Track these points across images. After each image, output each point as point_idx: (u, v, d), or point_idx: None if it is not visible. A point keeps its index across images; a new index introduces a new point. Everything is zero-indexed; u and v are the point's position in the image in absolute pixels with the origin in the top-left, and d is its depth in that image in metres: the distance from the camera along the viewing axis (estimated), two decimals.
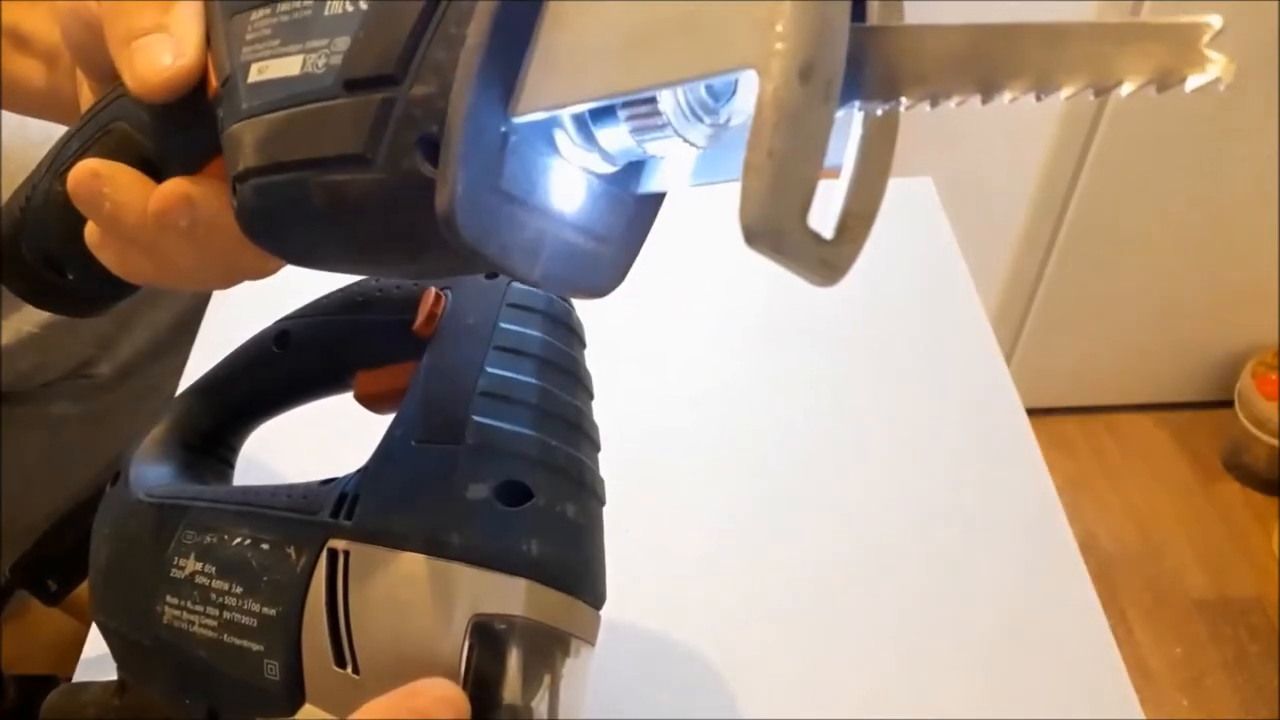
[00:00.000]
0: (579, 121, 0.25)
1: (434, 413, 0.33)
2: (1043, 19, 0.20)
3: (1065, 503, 0.58)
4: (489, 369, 0.34)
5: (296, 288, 0.41)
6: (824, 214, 0.22)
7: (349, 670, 0.31)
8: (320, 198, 0.25)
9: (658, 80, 0.21)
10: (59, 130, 0.34)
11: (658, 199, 0.28)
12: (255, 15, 0.27)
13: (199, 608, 0.34)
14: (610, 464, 0.36)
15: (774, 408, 0.63)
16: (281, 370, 0.42)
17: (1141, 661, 1.35)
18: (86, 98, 0.36)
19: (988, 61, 0.21)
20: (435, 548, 0.30)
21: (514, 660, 0.30)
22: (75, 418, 0.80)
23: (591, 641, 0.34)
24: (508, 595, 0.30)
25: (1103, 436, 1.62)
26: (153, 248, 0.30)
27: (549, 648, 0.31)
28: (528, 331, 0.35)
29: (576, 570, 0.33)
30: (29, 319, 0.75)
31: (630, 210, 0.28)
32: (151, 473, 0.41)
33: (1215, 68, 0.19)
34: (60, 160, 0.33)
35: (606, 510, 0.36)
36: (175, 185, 0.29)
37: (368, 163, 0.24)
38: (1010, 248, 1.43)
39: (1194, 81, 0.19)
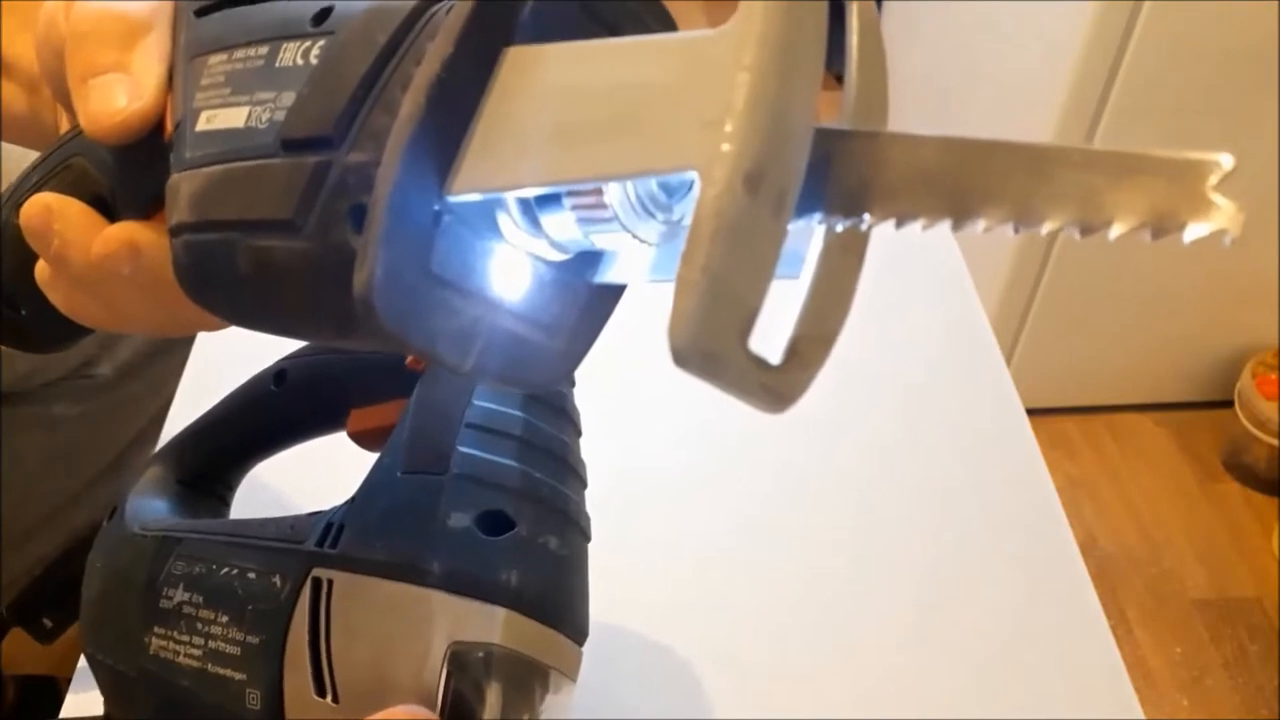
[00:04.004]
0: (524, 206, 0.23)
1: (421, 444, 0.33)
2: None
3: (1065, 503, 0.58)
4: (476, 402, 0.34)
5: None
6: (772, 333, 0.20)
7: (329, 699, 0.31)
8: (246, 262, 0.23)
9: (595, 173, 0.20)
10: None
11: (616, 291, 0.26)
12: (213, 59, 0.26)
13: (185, 637, 0.34)
14: (611, 463, 0.36)
15: None
16: (279, 409, 0.42)
17: (1141, 661, 1.35)
18: (65, 126, 0.35)
19: (962, 183, 0.19)
20: (416, 575, 0.30)
21: (492, 691, 0.30)
22: (75, 418, 0.80)
23: (572, 677, 0.34)
24: (486, 624, 0.30)
25: (1103, 436, 1.62)
26: (98, 290, 0.29)
27: (528, 680, 0.31)
28: None
29: (557, 602, 0.33)
30: None
31: (583, 300, 0.25)
32: (148, 508, 0.41)
33: (1222, 216, 0.17)
34: (20, 192, 0.32)
35: (609, 518, 0.35)
36: (121, 230, 0.28)
37: (296, 230, 0.22)
38: (1010, 248, 1.43)
39: (1194, 231, 0.17)
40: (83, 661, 0.50)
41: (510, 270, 0.23)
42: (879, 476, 0.60)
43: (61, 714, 0.49)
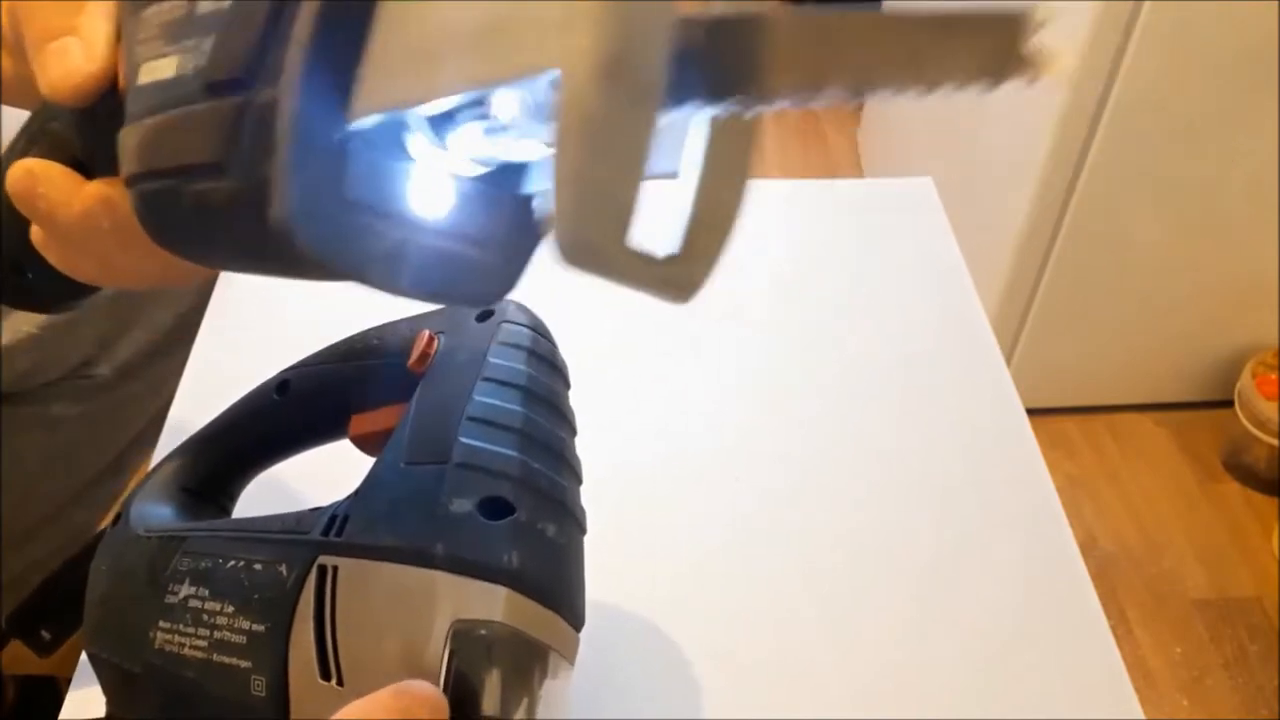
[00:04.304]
0: (431, 124, 0.23)
1: (423, 438, 0.34)
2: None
3: (1065, 503, 0.58)
4: (477, 397, 0.35)
5: (297, 291, 0.41)
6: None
7: (333, 682, 0.31)
8: (190, 205, 0.24)
9: (471, 83, 0.20)
10: None
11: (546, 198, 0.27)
12: (147, 12, 0.26)
13: (190, 629, 0.34)
14: (610, 462, 0.37)
15: (774, 407, 0.63)
16: (282, 417, 0.43)
17: (1141, 661, 1.36)
18: None
19: (817, 58, 0.19)
20: (419, 559, 0.31)
21: (493, 668, 0.30)
22: (75, 418, 0.80)
23: (570, 661, 0.35)
24: (487, 602, 0.31)
25: (1103, 436, 1.62)
26: (88, 247, 0.30)
27: (527, 658, 0.32)
28: (515, 365, 0.37)
29: (556, 586, 0.33)
30: (28, 319, 0.75)
31: (513, 212, 0.26)
32: (152, 513, 0.42)
33: (1046, 62, 0.17)
34: (8, 160, 0.33)
35: (607, 514, 0.36)
36: (96, 187, 0.29)
37: (225, 171, 0.23)
38: (1010, 248, 1.43)
39: (1018, 82, 0.18)
40: (83, 662, 0.50)
41: (430, 189, 0.24)
42: (879, 476, 0.60)
43: (61, 714, 0.49)
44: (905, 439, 0.62)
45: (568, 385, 0.39)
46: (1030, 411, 0.63)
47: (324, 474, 0.40)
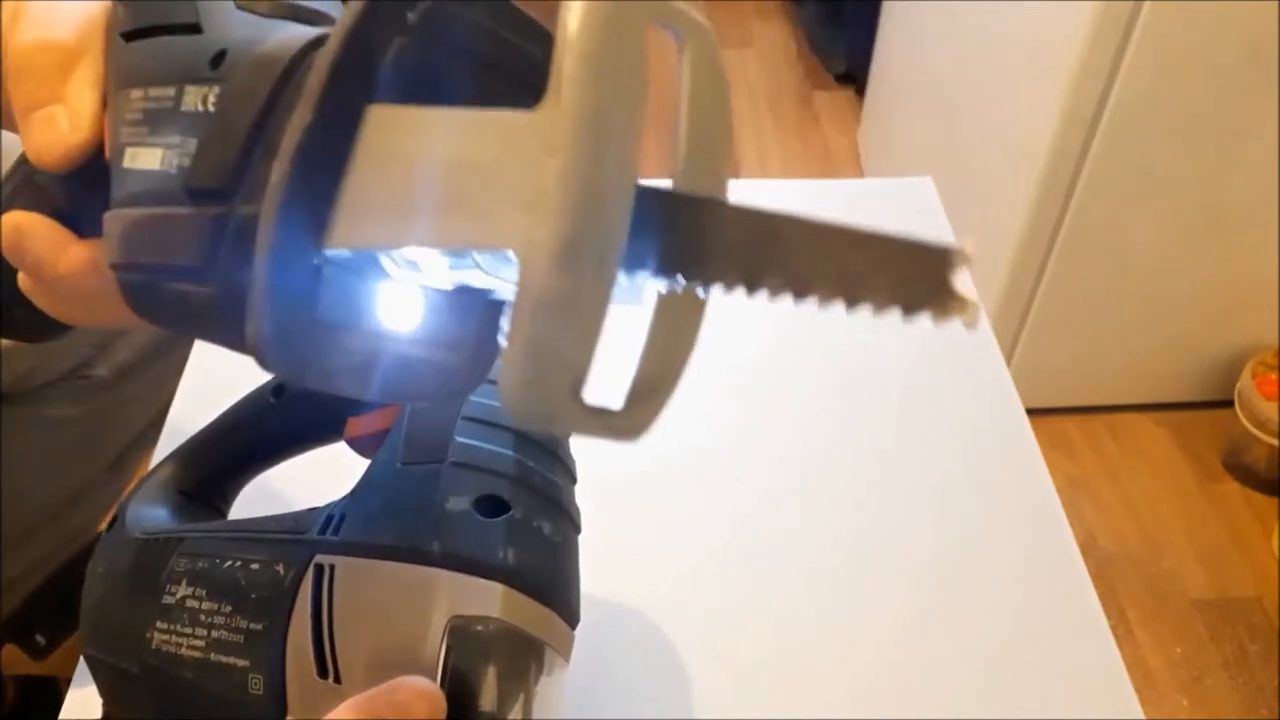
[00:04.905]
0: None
1: (419, 438, 0.35)
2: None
3: (1065, 503, 0.58)
4: (473, 398, 0.35)
5: None
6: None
7: (331, 680, 0.31)
8: (169, 301, 0.25)
9: (436, 243, 0.20)
10: None
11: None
12: (133, 94, 0.27)
13: (188, 630, 0.34)
14: (608, 461, 0.37)
15: (773, 407, 0.63)
16: (278, 420, 0.43)
17: (1141, 661, 1.35)
18: None
19: (758, 256, 0.20)
20: (416, 556, 0.31)
21: (490, 664, 0.31)
22: (73, 419, 0.80)
23: (566, 657, 0.35)
24: (484, 598, 0.31)
25: (1103, 436, 1.62)
26: (75, 297, 0.30)
27: (524, 654, 0.32)
28: None
29: (552, 583, 0.34)
30: None
31: (482, 315, 0.26)
32: (148, 516, 0.42)
33: (959, 308, 0.18)
34: None
35: (606, 514, 0.36)
36: (83, 250, 0.29)
37: (204, 276, 0.23)
38: (1010, 248, 1.43)
39: (932, 318, 0.18)
40: (83, 662, 0.50)
41: (400, 303, 0.24)
42: (879, 476, 0.60)
43: (61, 714, 0.49)
44: (905, 439, 0.62)
45: None
46: (1030, 411, 0.62)
47: (318, 476, 0.40)
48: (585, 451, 0.38)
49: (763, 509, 0.58)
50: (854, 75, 2.22)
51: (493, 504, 0.33)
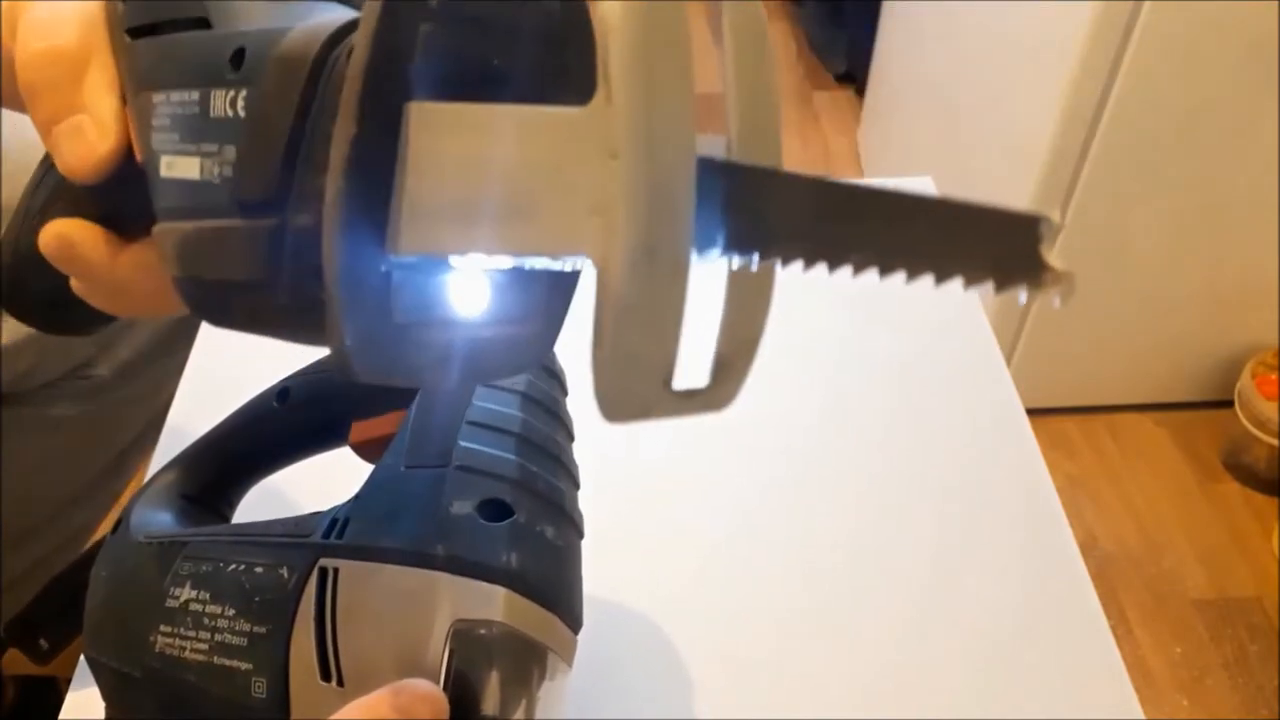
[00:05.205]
0: None
1: (423, 442, 0.35)
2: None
3: (1065, 503, 0.58)
4: (476, 403, 0.35)
5: None
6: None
7: (334, 683, 0.31)
8: (240, 312, 0.25)
9: (506, 250, 0.20)
10: None
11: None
12: (155, 98, 0.26)
13: (191, 633, 0.34)
14: (608, 463, 0.37)
15: (773, 408, 0.63)
16: (282, 425, 0.44)
17: (1141, 661, 1.35)
18: None
19: (837, 229, 0.19)
20: (420, 560, 0.31)
21: (493, 668, 0.31)
22: (74, 419, 0.80)
23: (568, 662, 0.35)
24: (487, 602, 0.31)
25: (1103, 436, 1.62)
26: (133, 293, 0.30)
27: (526, 658, 0.32)
28: None
29: (554, 587, 0.34)
30: None
31: (546, 281, 0.26)
32: (152, 520, 0.42)
33: (1051, 278, 0.17)
34: (32, 209, 0.33)
35: (605, 516, 0.36)
36: (135, 255, 0.29)
37: (272, 289, 0.23)
38: None
39: (1027, 293, 0.18)
40: (83, 663, 0.50)
41: (468, 291, 0.24)
42: (879, 476, 0.60)
43: (61, 715, 0.49)
44: (906, 439, 0.62)
45: (565, 391, 0.39)
46: (1030, 411, 0.62)
47: (321, 480, 0.40)
48: (584, 456, 0.38)
49: (763, 510, 0.58)
50: (854, 75, 2.22)
51: (496, 508, 0.33)
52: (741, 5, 0.21)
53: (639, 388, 0.19)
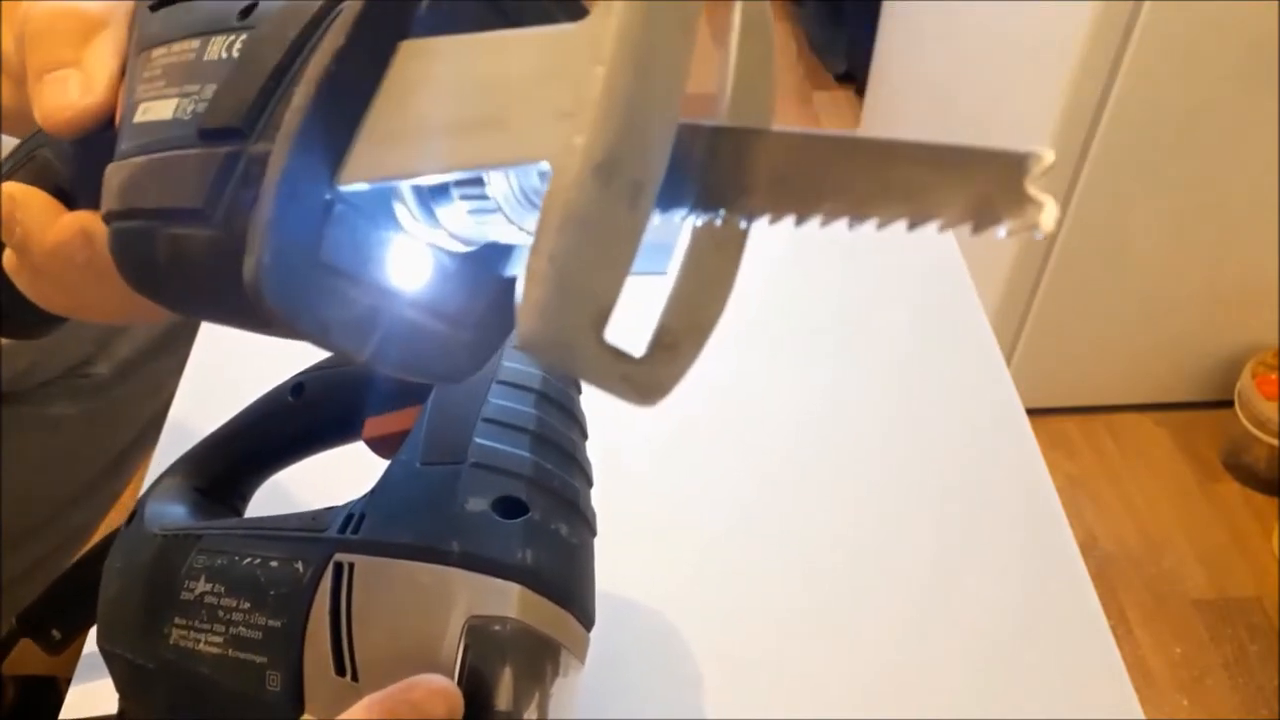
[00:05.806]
0: (419, 197, 0.23)
1: (439, 438, 0.35)
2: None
3: (1065, 503, 0.58)
4: (492, 400, 0.35)
5: None
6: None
7: (348, 678, 0.31)
8: (165, 249, 0.24)
9: (463, 163, 0.20)
10: None
11: None
12: (155, 53, 0.26)
13: (206, 626, 0.35)
14: (612, 460, 0.37)
15: (773, 408, 0.63)
16: (296, 420, 0.44)
17: (1141, 661, 1.35)
18: None
19: (811, 180, 0.19)
20: (435, 556, 0.32)
21: (507, 664, 0.31)
22: (74, 418, 0.80)
23: (581, 659, 0.35)
24: (502, 599, 0.31)
25: (1103, 436, 1.62)
26: (60, 278, 0.30)
27: (540, 655, 0.32)
28: (529, 369, 0.37)
29: (568, 584, 0.34)
30: None
31: (492, 292, 0.25)
32: (166, 513, 0.42)
33: (1035, 212, 0.17)
34: None
35: (616, 515, 0.36)
36: (75, 219, 0.28)
37: (206, 218, 0.22)
38: (1010, 248, 1.43)
39: (1008, 226, 0.17)
40: (84, 662, 0.50)
41: (410, 261, 0.24)
42: (879, 476, 0.60)
43: (62, 714, 0.49)
44: (905, 439, 0.62)
45: (579, 389, 0.39)
46: (1030, 411, 0.62)
47: (335, 475, 0.40)
48: (594, 454, 0.38)
49: (764, 509, 0.58)
50: (854, 75, 2.22)
51: (511, 505, 0.33)
52: (750, 6, 0.21)
53: (566, 316, 0.17)
